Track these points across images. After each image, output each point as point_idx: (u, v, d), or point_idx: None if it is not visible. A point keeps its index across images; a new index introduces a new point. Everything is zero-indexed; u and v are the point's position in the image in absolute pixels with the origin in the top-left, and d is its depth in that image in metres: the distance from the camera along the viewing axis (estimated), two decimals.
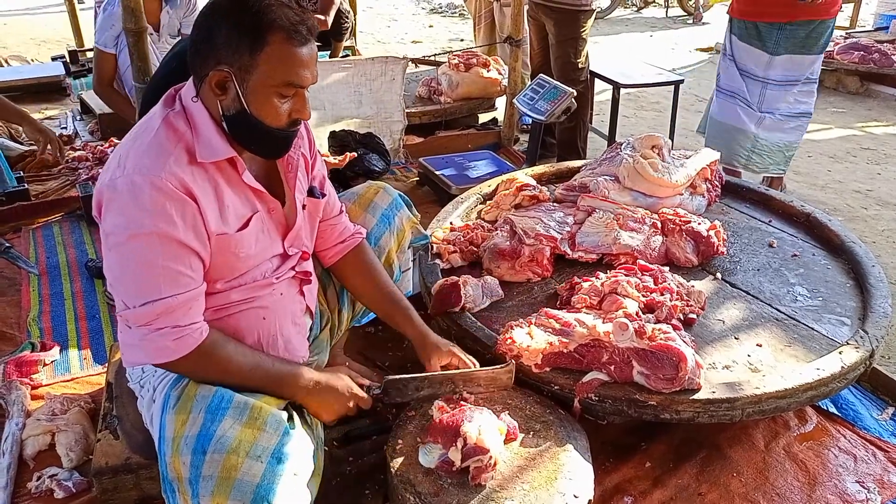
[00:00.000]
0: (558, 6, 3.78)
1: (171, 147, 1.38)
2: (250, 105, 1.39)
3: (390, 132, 4.02)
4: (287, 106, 1.42)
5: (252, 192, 1.51)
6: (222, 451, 1.30)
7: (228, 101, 1.40)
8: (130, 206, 1.33)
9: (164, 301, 1.36)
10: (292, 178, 1.61)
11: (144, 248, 1.34)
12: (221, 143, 1.42)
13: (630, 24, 9.48)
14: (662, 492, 1.82)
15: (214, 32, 1.37)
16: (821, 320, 2.10)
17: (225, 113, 1.41)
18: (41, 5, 9.18)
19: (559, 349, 1.84)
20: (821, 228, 2.58)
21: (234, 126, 1.42)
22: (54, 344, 2.42)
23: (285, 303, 1.64)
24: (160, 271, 1.35)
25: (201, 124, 1.41)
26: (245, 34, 1.35)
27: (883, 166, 4.50)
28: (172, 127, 1.41)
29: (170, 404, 1.40)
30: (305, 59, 1.39)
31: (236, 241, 1.47)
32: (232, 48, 1.35)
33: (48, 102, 5.17)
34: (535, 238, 2.33)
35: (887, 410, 2.16)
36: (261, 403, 1.39)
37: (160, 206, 1.33)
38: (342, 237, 1.82)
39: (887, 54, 5.89)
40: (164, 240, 1.34)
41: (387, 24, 9.00)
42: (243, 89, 1.38)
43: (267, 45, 1.35)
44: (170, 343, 1.37)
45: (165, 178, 1.33)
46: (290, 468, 1.33)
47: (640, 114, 5.52)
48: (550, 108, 3.43)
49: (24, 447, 1.93)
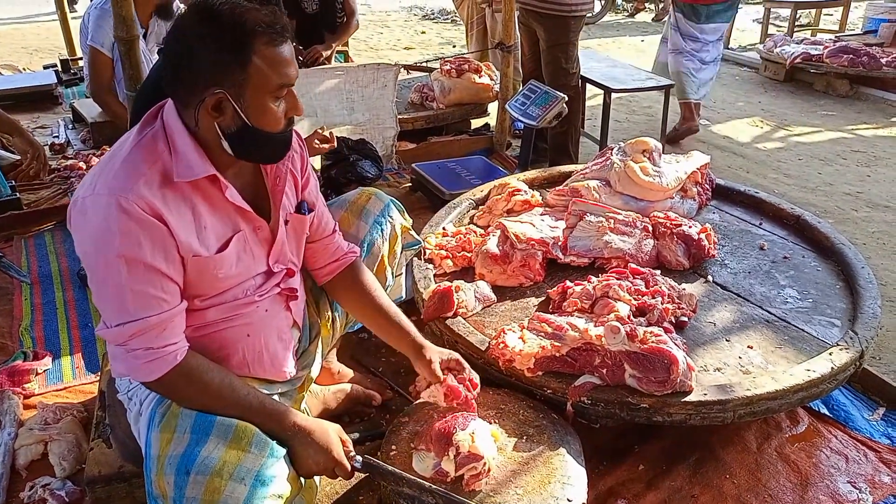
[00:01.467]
0: (549, 12, 3.80)
1: (146, 168, 1.34)
2: (251, 118, 1.37)
3: (383, 138, 4.03)
4: (282, 107, 1.41)
5: (235, 211, 1.47)
6: (206, 473, 1.29)
7: (227, 119, 1.37)
8: (97, 227, 1.31)
9: (135, 323, 1.33)
10: (279, 193, 1.57)
11: (113, 271, 1.31)
12: (200, 162, 1.38)
13: (622, 29, 9.52)
14: (656, 494, 1.83)
15: (196, 57, 1.33)
16: (811, 322, 2.11)
17: (225, 132, 1.38)
18: (33, 14, 9.18)
19: (551, 353, 1.85)
20: (811, 230, 2.59)
21: (237, 141, 1.39)
22: (47, 353, 2.41)
23: (270, 319, 1.60)
24: (130, 294, 1.33)
25: (180, 143, 1.38)
26: (230, 51, 1.32)
27: (873, 168, 4.53)
28: (150, 147, 1.37)
29: (155, 421, 1.39)
30: (288, 56, 1.38)
31: (215, 262, 1.43)
32: (220, 68, 1.32)
33: (40, 111, 5.16)
34: (526, 243, 2.34)
35: (878, 411, 2.17)
36: (244, 424, 1.38)
37: (126, 229, 1.30)
38: (335, 256, 1.78)
39: (876, 57, 5.93)
40: (132, 263, 1.31)
41: (379, 31, 9.02)
42: (241, 104, 1.35)
43: (253, 55, 1.33)
44: (141, 365, 1.36)
45: (133, 199, 1.30)
46: (273, 491, 1.33)
47: (631, 118, 5.54)
48: (542, 113, 3.45)
49: (17, 457, 1.93)
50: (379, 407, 2.12)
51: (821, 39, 6.88)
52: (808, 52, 6.28)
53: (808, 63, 6.24)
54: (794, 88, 6.40)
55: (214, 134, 1.39)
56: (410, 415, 1.81)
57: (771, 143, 5.04)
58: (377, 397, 2.11)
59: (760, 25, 8.39)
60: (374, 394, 2.12)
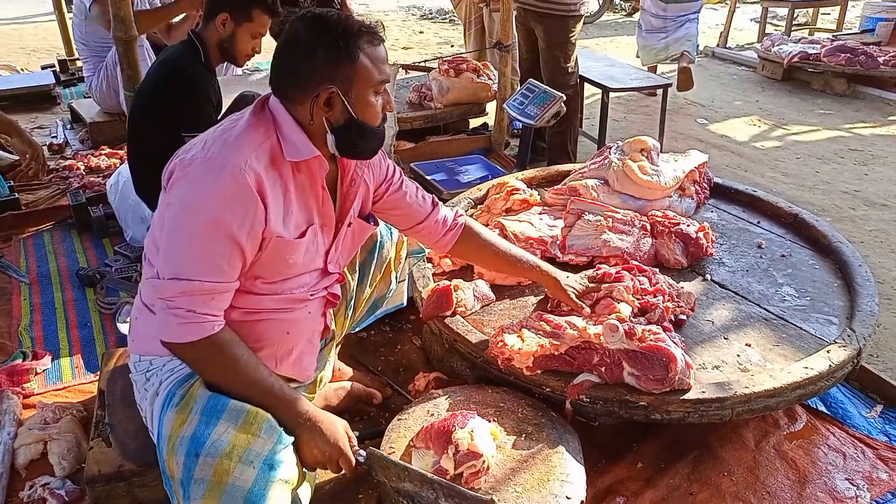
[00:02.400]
0: (547, 11, 3.80)
1: (256, 144, 1.44)
2: (357, 111, 1.49)
3: None
4: (380, 102, 1.54)
5: (315, 203, 1.56)
6: (215, 455, 1.31)
7: (336, 114, 1.49)
8: (202, 185, 1.38)
9: (189, 282, 1.37)
10: (352, 195, 1.67)
11: (197, 229, 1.37)
12: (308, 144, 1.49)
13: (620, 28, 9.53)
14: (654, 492, 1.83)
15: (308, 58, 1.46)
16: (809, 320, 2.12)
17: (334, 125, 1.50)
18: (31, 14, 9.16)
19: (550, 351, 1.86)
20: (809, 229, 2.60)
21: (344, 134, 1.51)
22: (46, 353, 2.41)
23: (310, 321, 1.67)
24: (198, 254, 1.38)
25: (287, 129, 1.48)
26: (340, 50, 1.45)
27: (870, 167, 4.54)
28: (262, 128, 1.48)
29: (173, 402, 1.41)
30: (385, 56, 1.53)
31: (293, 246, 1.51)
32: (331, 66, 1.45)
33: (38, 111, 5.16)
34: (525, 241, 2.35)
35: (875, 408, 2.18)
36: (256, 409, 1.40)
37: (229, 196, 1.37)
38: (447, 226, 1.89)
39: (873, 56, 5.94)
40: (218, 228, 1.37)
41: None
42: (349, 99, 1.48)
43: (360, 52, 1.46)
44: (179, 325, 1.39)
45: (245, 170, 1.38)
46: (281, 475, 1.34)
47: (629, 117, 5.55)
48: (540, 112, 3.46)
49: (17, 456, 1.93)
50: (379, 405, 2.13)
51: (818, 38, 6.88)
52: (805, 51, 6.28)
53: (806, 62, 6.25)
54: (792, 87, 6.40)
55: (322, 129, 1.50)
56: (410, 413, 1.81)
57: (769, 142, 5.05)
58: (377, 395, 2.12)
59: (758, 24, 8.39)
60: (375, 392, 2.12)
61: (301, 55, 1.47)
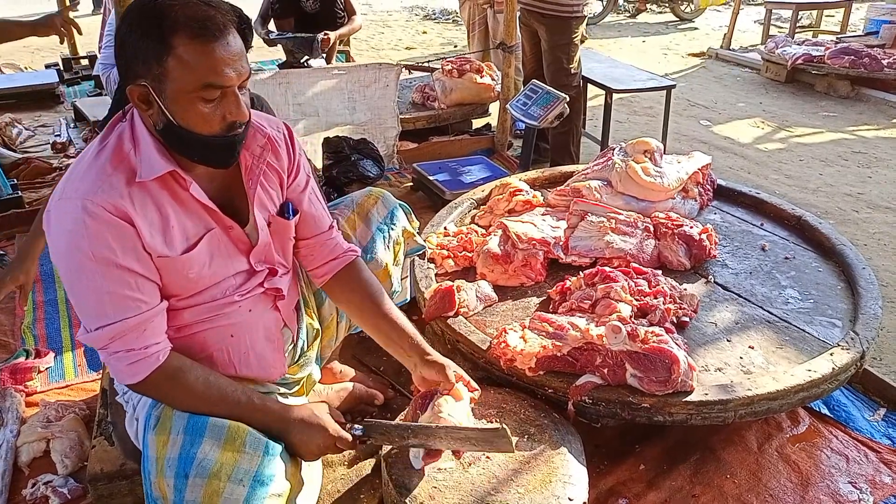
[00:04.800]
0: (550, 13, 3.80)
1: (111, 168, 1.32)
2: (175, 115, 1.30)
3: (384, 138, 4.03)
4: (217, 110, 1.31)
5: (203, 210, 1.42)
6: (204, 476, 1.29)
7: (155, 114, 1.32)
8: (65, 232, 1.29)
9: (113, 326, 1.31)
10: (252, 193, 1.50)
11: (87, 274, 1.30)
12: (159, 159, 1.33)
13: (623, 29, 9.53)
14: (656, 494, 1.83)
15: (126, 45, 1.29)
16: (812, 322, 2.11)
17: (156, 127, 1.33)
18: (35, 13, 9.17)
19: (553, 353, 1.85)
20: (812, 231, 2.60)
21: (168, 139, 1.34)
22: (49, 351, 2.42)
23: (255, 319, 1.55)
24: (105, 297, 1.31)
25: (142, 140, 1.35)
26: (150, 42, 1.26)
27: (874, 170, 4.53)
28: (115, 147, 1.35)
29: (150, 424, 1.38)
30: (221, 55, 1.27)
31: (181, 263, 1.39)
32: (141, 59, 1.27)
33: (42, 110, 5.16)
34: (528, 243, 2.35)
35: (879, 411, 2.17)
36: (237, 424, 1.36)
37: (94, 232, 1.28)
38: (333, 254, 1.69)
39: (877, 58, 5.93)
40: (104, 264, 1.29)
41: (380, 31, 9.03)
42: (163, 100, 1.29)
43: (172, 49, 1.25)
44: (124, 367, 1.34)
45: (98, 201, 1.28)
46: (273, 490, 1.33)
47: (632, 119, 5.55)
48: (543, 113, 3.45)
49: (19, 454, 1.93)
50: (380, 406, 2.12)
51: (822, 41, 6.88)
52: (809, 54, 6.28)
53: (810, 64, 6.25)
54: (796, 89, 6.40)
55: (153, 128, 1.35)
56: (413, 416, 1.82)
57: (772, 144, 5.05)
58: (379, 396, 2.12)
59: (762, 26, 8.39)
60: (377, 393, 2.12)
61: (121, 40, 1.30)
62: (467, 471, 1.61)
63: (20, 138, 4.45)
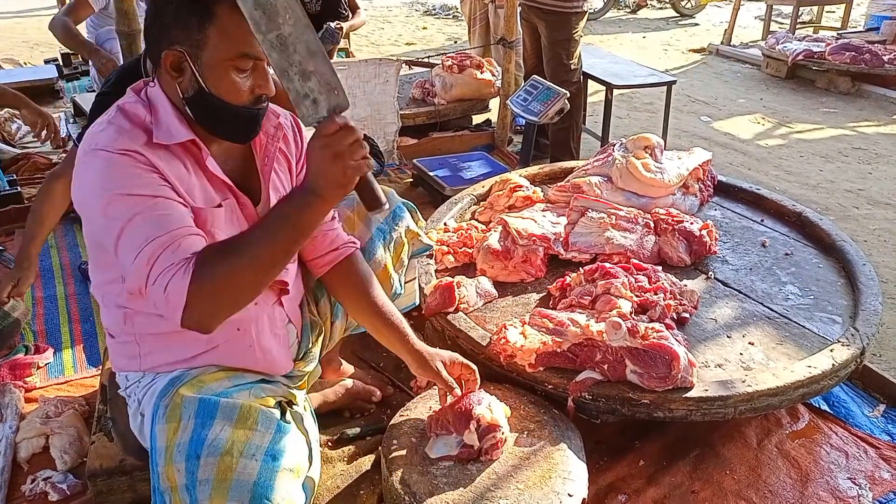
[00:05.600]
0: (550, 8, 3.79)
1: (128, 127, 1.32)
2: (207, 82, 1.32)
3: (384, 134, 4.03)
4: (248, 81, 1.35)
5: (219, 183, 1.42)
6: (216, 454, 1.29)
7: (186, 81, 1.34)
8: (95, 177, 1.28)
9: (156, 240, 1.24)
10: (267, 173, 1.51)
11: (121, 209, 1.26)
12: (179, 126, 1.35)
13: (624, 25, 9.51)
14: (656, 490, 1.83)
15: (163, 11, 1.32)
16: (812, 318, 2.11)
17: (184, 95, 1.35)
18: (34, 8, 9.16)
19: (553, 349, 1.85)
20: (812, 227, 2.59)
21: (195, 107, 1.35)
22: (48, 347, 2.42)
23: (259, 313, 1.53)
24: (141, 221, 1.25)
25: (160, 109, 1.36)
26: (192, 8, 1.29)
27: (874, 166, 4.53)
28: (131, 112, 1.35)
29: (159, 414, 1.37)
30: None
31: (210, 214, 1.36)
32: (181, 25, 1.30)
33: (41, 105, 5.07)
34: (528, 239, 2.34)
35: (878, 407, 2.17)
36: (249, 403, 1.37)
37: (123, 171, 1.27)
38: (333, 245, 1.67)
39: (878, 55, 5.92)
40: (137, 196, 1.26)
41: (380, 26, 9.01)
42: (198, 67, 1.31)
43: (215, 17, 1.29)
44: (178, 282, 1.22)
45: (125, 150, 1.28)
46: (285, 464, 1.33)
47: (633, 114, 5.54)
48: (544, 109, 3.45)
49: (18, 450, 1.93)
50: (379, 402, 2.12)
51: (823, 37, 6.86)
52: (810, 50, 6.26)
53: (810, 60, 6.23)
54: (796, 86, 6.39)
55: (178, 97, 1.36)
56: (412, 409, 1.82)
57: (772, 140, 5.04)
58: (377, 393, 2.11)
59: (762, 22, 8.37)
60: (375, 389, 2.12)
61: (157, 9, 1.33)
62: (467, 467, 1.62)
63: (19, 134, 4.44)
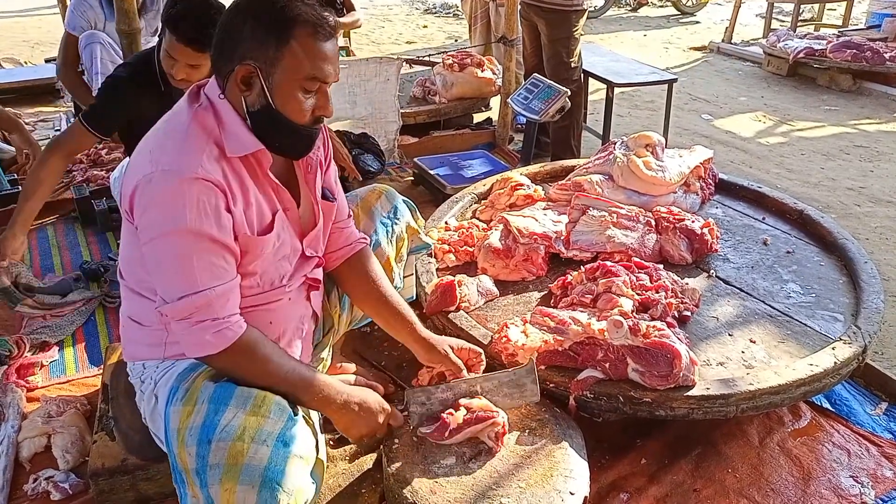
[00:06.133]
0: (550, 6, 3.79)
1: (203, 142, 1.39)
2: (275, 99, 1.40)
3: (385, 132, 4.03)
4: (311, 102, 1.44)
5: (272, 190, 1.51)
6: (227, 439, 1.30)
7: (253, 96, 1.41)
8: (166, 201, 1.34)
9: (202, 294, 1.36)
10: (311, 180, 1.62)
11: (181, 244, 1.35)
12: (249, 137, 1.43)
13: (624, 23, 9.50)
14: (658, 488, 1.83)
15: (239, 29, 1.39)
16: (814, 316, 2.11)
17: (250, 109, 1.42)
18: (34, 7, 9.16)
19: (554, 347, 1.85)
20: (814, 225, 2.59)
21: (259, 122, 1.43)
22: (50, 346, 2.41)
23: (292, 308, 1.63)
24: (197, 264, 1.36)
25: (228, 120, 1.43)
26: (271, 28, 1.37)
27: (875, 164, 4.52)
28: (201, 122, 1.42)
29: (177, 396, 1.40)
30: (329, 54, 1.42)
31: (262, 243, 1.47)
32: (257, 43, 1.37)
33: (42, 104, 5.15)
34: (529, 237, 2.34)
35: (880, 405, 2.17)
36: (264, 393, 1.39)
37: (195, 203, 1.34)
38: (347, 241, 1.78)
39: (879, 52, 5.91)
40: (200, 236, 1.35)
41: (381, 25, 9.00)
42: (269, 84, 1.39)
43: (293, 39, 1.37)
44: (209, 337, 1.37)
45: (202, 173, 1.35)
46: (296, 451, 1.34)
47: (634, 112, 5.53)
48: (545, 107, 3.45)
49: (20, 449, 1.93)
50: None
51: (824, 34, 6.85)
52: (811, 47, 6.25)
53: (812, 58, 6.22)
54: (797, 83, 6.38)
55: (242, 110, 1.43)
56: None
57: (773, 138, 5.04)
58: (379, 389, 2.11)
59: (763, 20, 8.36)
60: (378, 387, 2.11)
61: (232, 26, 1.41)
62: (468, 465, 1.62)
63: None
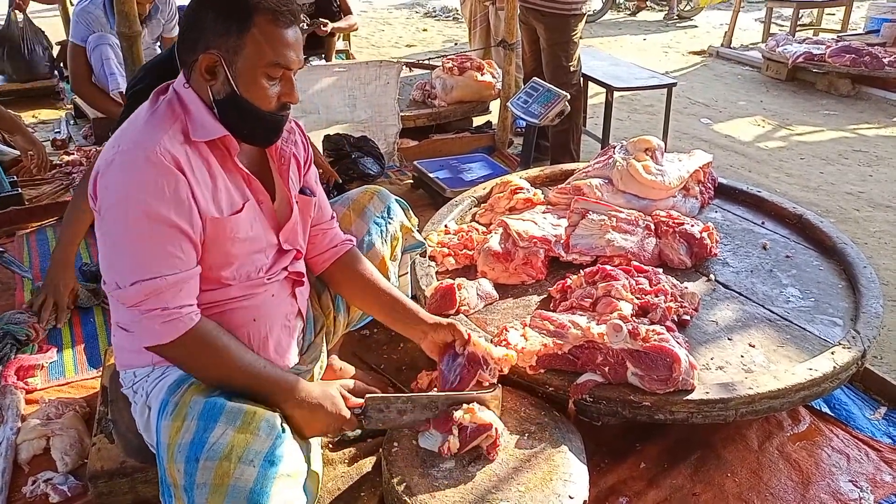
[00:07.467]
0: (549, 10, 3.79)
1: (167, 125, 1.39)
2: (240, 87, 1.41)
3: (385, 136, 4.03)
4: (275, 89, 1.45)
5: (242, 179, 1.51)
6: (215, 459, 1.29)
7: (218, 84, 1.42)
8: (123, 181, 1.34)
9: (152, 281, 1.34)
10: (285, 172, 1.62)
11: (136, 227, 1.34)
12: (214, 124, 1.43)
13: (623, 27, 9.52)
14: (657, 492, 1.83)
15: (201, 18, 1.40)
16: (813, 321, 2.11)
17: (215, 97, 1.43)
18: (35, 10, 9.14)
19: (554, 351, 1.85)
20: (813, 230, 2.59)
21: (225, 109, 1.44)
22: (49, 347, 2.41)
23: (276, 305, 1.61)
24: (148, 251, 1.35)
25: (193, 108, 1.43)
26: (232, 16, 1.38)
27: (874, 168, 4.53)
28: (167, 109, 1.43)
29: (167, 411, 1.39)
30: (291, 40, 1.43)
31: (230, 224, 1.45)
32: (219, 31, 1.39)
33: (42, 107, 5.16)
34: (529, 241, 2.34)
35: (879, 410, 2.17)
36: (254, 409, 1.38)
37: (152, 182, 1.33)
38: (332, 243, 1.79)
39: (878, 57, 5.93)
40: (156, 219, 1.34)
41: (381, 28, 9.01)
42: (232, 71, 1.41)
43: (253, 26, 1.38)
44: (157, 326, 1.36)
45: (160, 152, 1.34)
46: (283, 470, 1.33)
47: (633, 117, 5.54)
48: (544, 111, 3.45)
49: (19, 452, 1.93)
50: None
51: (823, 39, 6.87)
52: (810, 52, 6.27)
53: (811, 62, 6.24)
54: (796, 88, 6.40)
55: (208, 100, 1.43)
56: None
57: (773, 143, 5.05)
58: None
59: (762, 25, 8.38)
60: (375, 390, 2.11)
61: (195, 16, 1.42)
62: (468, 469, 1.61)
63: None
